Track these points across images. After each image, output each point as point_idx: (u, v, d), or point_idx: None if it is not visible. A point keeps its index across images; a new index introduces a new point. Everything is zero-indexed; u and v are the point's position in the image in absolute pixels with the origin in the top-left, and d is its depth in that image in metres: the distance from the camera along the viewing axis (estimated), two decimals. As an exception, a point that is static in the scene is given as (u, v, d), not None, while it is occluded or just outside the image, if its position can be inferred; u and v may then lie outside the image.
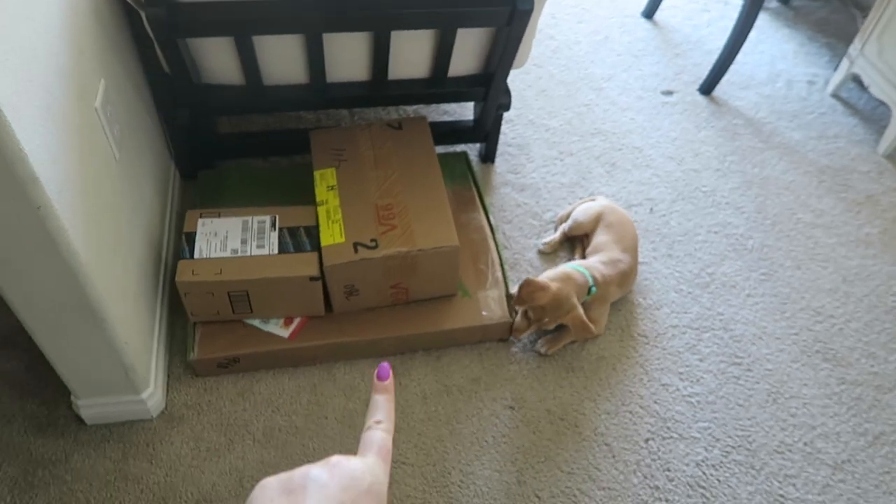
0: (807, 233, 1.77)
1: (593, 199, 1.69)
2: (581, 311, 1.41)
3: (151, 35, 1.31)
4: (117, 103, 1.27)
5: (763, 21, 2.40)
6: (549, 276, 1.43)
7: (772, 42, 2.33)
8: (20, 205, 0.89)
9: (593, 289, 1.44)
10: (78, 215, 1.01)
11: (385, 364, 0.48)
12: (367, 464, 0.42)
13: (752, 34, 1.99)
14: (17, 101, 0.84)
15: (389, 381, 0.48)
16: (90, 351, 1.16)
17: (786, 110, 2.10)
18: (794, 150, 1.99)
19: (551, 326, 1.43)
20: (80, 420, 1.31)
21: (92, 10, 1.18)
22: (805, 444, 1.40)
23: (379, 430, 0.45)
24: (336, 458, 0.41)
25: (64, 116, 1.00)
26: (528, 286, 1.38)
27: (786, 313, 1.60)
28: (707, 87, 2.11)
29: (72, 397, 1.28)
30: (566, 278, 1.42)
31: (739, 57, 2.05)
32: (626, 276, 1.51)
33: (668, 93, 2.12)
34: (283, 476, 0.40)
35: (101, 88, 1.18)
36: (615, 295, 1.51)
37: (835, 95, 2.16)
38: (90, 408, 1.28)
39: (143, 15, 1.27)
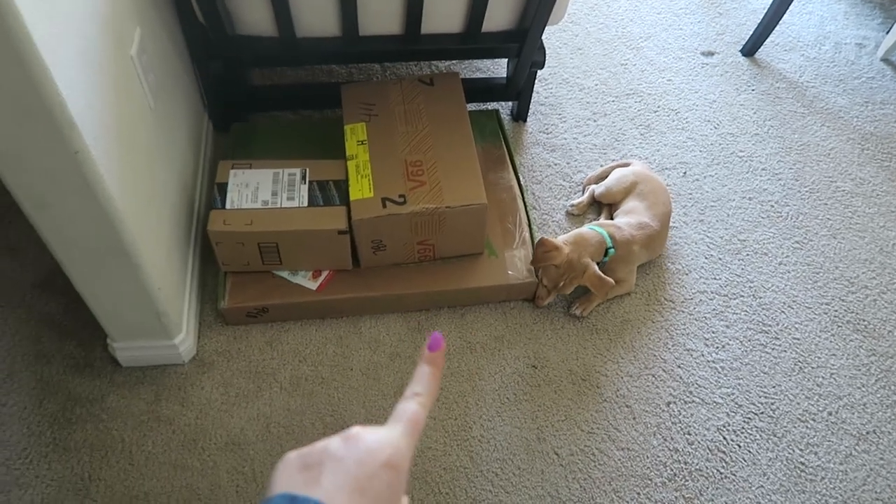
0: (845, 201, 1.73)
1: (628, 164, 1.66)
2: (595, 268, 1.40)
3: (186, -16, 1.31)
4: (153, 52, 1.27)
5: (813, -20, 2.31)
6: (563, 238, 1.42)
7: (821, 2, 2.24)
8: (59, 149, 0.91)
9: (611, 250, 1.43)
10: (114, 161, 1.03)
11: (437, 334, 0.46)
12: (390, 436, 0.41)
13: (801, -7, 1.92)
14: (56, 46, 0.85)
15: (439, 353, 0.46)
16: (125, 295, 1.19)
17: (832, 74, 2.03)
18: (837, 115, 1.92)
19: (569, 291, 1.42)
20: (115, 362, 1.36)
21: (127, -44, 1.19)
22: (829, 413, 1.39)
23: (414, 403, 0.44)
24: (355, 430, 0.41)
25: (101, 63, 1.01)
26: (543, 246, 1.38)
27: (818, 282, 1.58)
28: (750, 49, 2.04)
29: (108, 340, 1.33)
30: (579, 240, 1.41)
31: (786, 17, 1.98)
32: (652, 240, 1.49)
33: (709, 54, 2.05)
34: (303, 451, 0.40)
35: (137, 36, 1.18)
36: (641, 257, 1.50)
37: (885, 60, 2.07)
38: (125, 350, 1.33)
39: (177, -37, 1.27)
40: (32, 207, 1.00)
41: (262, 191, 1.37)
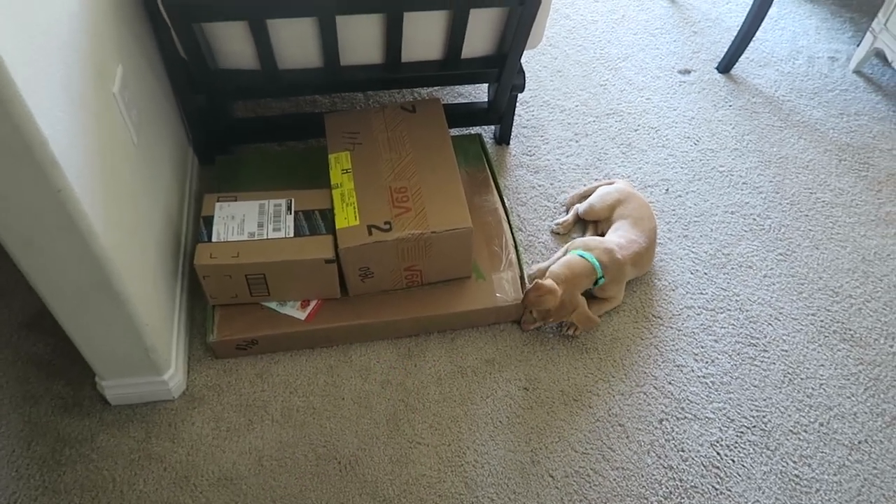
0: (825, 212, 1.75)
1: (611, 183, 1.67)
2: (585, 306, 1.42)
3: (167, 20, 1.32)
4: (135, 88, 1.28)
5: (784, -3, 2.36)
6: (556, 271, 1.42)
7: (793, 18, 2.29)
8: (41, 188, 0.91)
9: (601, 280, 1.44)
10: (98, 198, 1.03)
11: None
12: None
13: (773, 10, 1.96)
14: (37, 86, 0.86)
15: None
16: (112, 332, 1.19)
17: (806, 88, 2.07)
18: (814, 128, 1.96)
19: (556, 322, 1.43)
20: (104, 400, 1.34)
21: (108, -4, 1.20)
22: (821, 424, 1.39)
23: None
24: None
25: (83, 101, 1.02)
26: (537, 290, 1.38)
27: (803, 294, 1.59)
28: (725, 66, 2.08)
29: (96, 378, 1.31)
30: (571, 278, 1.41)
31: (759, 34, 2.02)
32: (640, 257, 1.51)
33: (686, 72, 2.09)
34: None
35: (119, 74, 1.19)
36: (630, 274, 1.51)
37: (857, 72, 2.12)
38: (114, 388, 1.32)
39: (158, 0, 1.28)
40: (16, 246, 1.00)
41: (248, 222, 1.38)
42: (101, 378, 1.30)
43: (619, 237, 1.52)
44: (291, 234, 1.36)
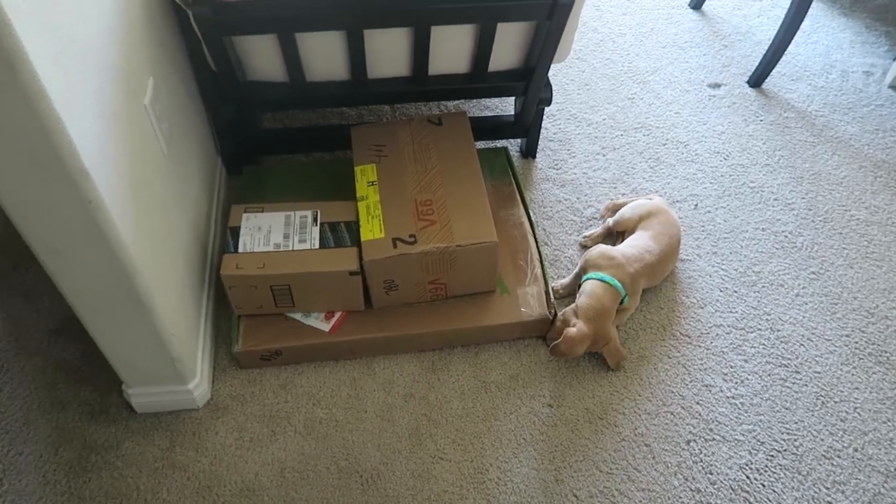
0: (860, 230, 1.71)
1: (650, 199, 1.64)
2: (617, 340, 1.40)
3: (198, 33, 1.34)
4: (166, 100, 1.30)
5: (817, 9, 2.32)
6: (585, 308, 1.37)
7: (826, 31, 2.25)
8: (72, 198, 0.93)
9: (626, 299, 1.41)
10: (127, 209, 1.04)
11: None
12: None
13: (806, 23, 1.93)
14: (70, 97, 0.87)
15: None
16: (139, 341, 1.20)
17: (840, 103, 2.03)
18: (848, 144, 1.92)
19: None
20: (130, 408, 1.35)
21: (142, 9, 1.22)
22: (855, 449, 1.35)
23: None
24: None
25: (114, 113, 1.03)
26: (568, 343, 1.34)
27: (836, 314, 1.55)
28: (757, 80, 2.05)
29: (123, 386, 1.33)
30: (601, 313, 1.36)
31: (791, 48, 1.98)
32: (653, 268, 1.47)
33: (716, 85, 2.06)
34: None
35: (151, 85, 1.21)
36: (644, 284, 1.48)
37: (893, 87, 2.07)
38: (140, 396, 1.33)
39: (190, 14, 1.30)
40: (46, 255, 1.01)
41: (275, 234, 1.38)
42: (128, 386, 1.32)
43: (629, 247, 1.48)
44: (317, 246, 1.37)
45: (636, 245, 1.49)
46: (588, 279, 1.42)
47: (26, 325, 1.48)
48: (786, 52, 1.98)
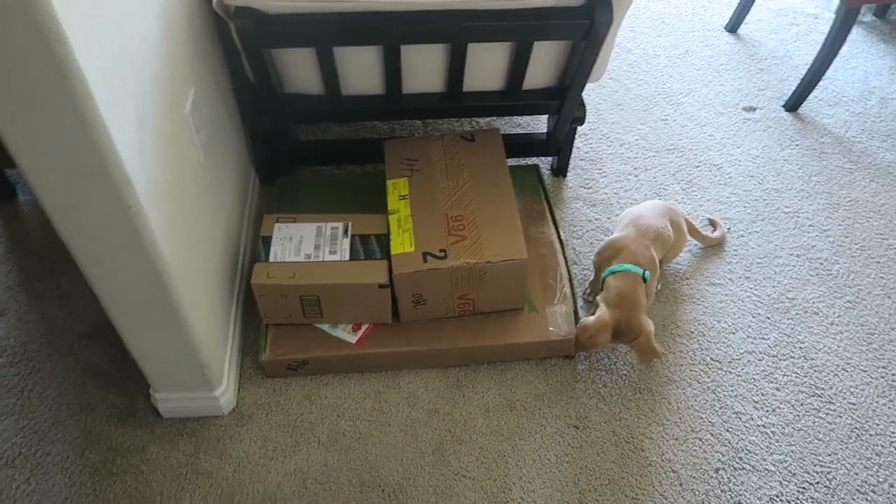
0: (899, 260, 1.67)
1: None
2: (649, 333, 1.33)
3: (239, 45, 1.37)
4: (205, 110, 1.32)
5: (857, 35, 2.29)
6: (606, 298, 1.36)
7: (865, 57, 2.22)
8: (113, 204, 0.94)
9: (647, 274, 1.37)
10: (164, 216, 1.05)
11: None
12: None
13: (844, 49, 1.90)
14: (115, 106, 0.89)
15: None
16: (169, 347, 1.21)
17: (878, 129, 1.99)
18: (886, 171, 1.88)
19: (623, 344, 1.39)
20: (157, 413, 1.37)
21: (186, 21, 1.24)
22: (891, 485, 1.31)
23: None
24: None
25: (156, 122, 1.05)
26: (584, 332, 1.33)
27: (873, 344, 1.51)
28: (793, 104, 2.03)
29: (150, 390, 1.34)
30: (626, 298, 1.33)
31: (829, 73, 1.96)
32: (661, 236, 1.45)
33: (751, 109, 2.04)
34: None
35: (191, 96, 1.23)
36: (661, 254, 1.46)
37: (934, 115, 2.03)
38: (167, 402, 1.34)
39: (231, 26, 1.32)
40: (85, 260, 1.03)
41: (306, 244, 1.39)
42: (156, 391, 1.33)
43: (630, 228, 1.47)
44: (347, 258, 1.37)
45: (637, 225, 1.46)
46: (604, 277, 1.40)
47: (59, 328, 1.51)
48: (823, 78, 1.96)
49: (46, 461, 1.31)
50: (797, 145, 1.94)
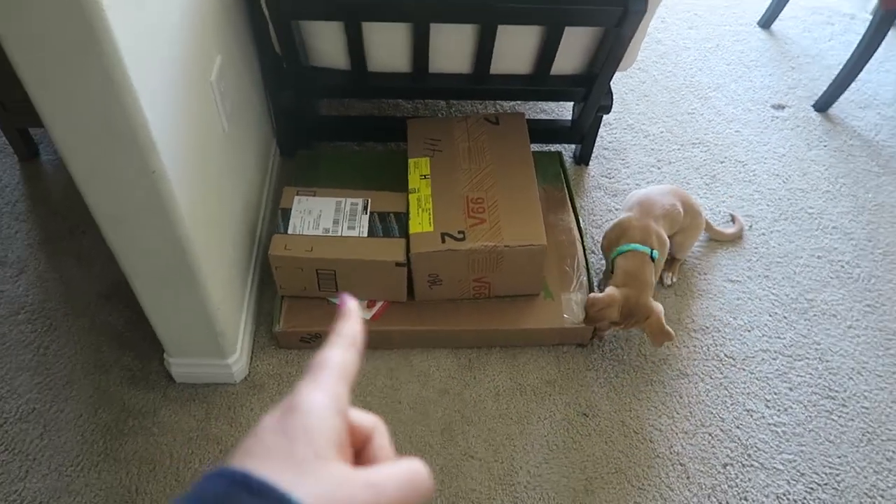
0: (922, 267, 1.65)
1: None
2: (659, 314, 1.33)
3: (267, 16, 1.36)
4: (230, 79, 1.32)
5: (893, 36, 2.24)
6: (614, 280, 1.36)
7: (900, 60, 2.18)
8: (137, 168, 0.94)
9: (654, 253, 1.37)
10: (186, 182, 1.06)
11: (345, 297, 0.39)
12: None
13: (879, 51, 1.86)
14: (143, 70, 0.89)
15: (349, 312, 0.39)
16: (185, 313, 1.22)
17: (909, 134, 1.96)
18: (915, 177, 1.85)
19: (629, 330, 1.39)
20: (169, 377, 1.38)
21: (216, -12, 1.24)
22: (900, 491, 1.30)
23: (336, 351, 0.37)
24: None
25: (182, 88, 1.05)
26: (593, 306, 1.33)
27: (890, 350, 1.50)
28: (823, 104, 2.00)
29: (164, 355, 1.35)
30: (634, 278, 1.33)
31: (862, 74, 1.92)
32: (670, 214, 1.44)
33: (780, 107, 2.01)
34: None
35: (218, 64, 1.23)
36: (669, 230, 1.45)
37: (967, 122, 1.99)
38: (180, 366, 1.35)
39: (262, -4, 1.32)
40: (107, 222, 1.04)
41: (324, 218, 1.39)
42: (169, 355, 1.34)
43: (635, 210, 1.46)
44: (365, 234, 1.37)
45: (642, 204, 1.46)
46: (614, 258, 1.40)
47: (77, 288, 1.52)
48: (856, 79, 1.92)
49: (60, 418, 1.33)
50: (825, 146, 1.91)
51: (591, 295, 1.35)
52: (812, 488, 1.30)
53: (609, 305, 1.32)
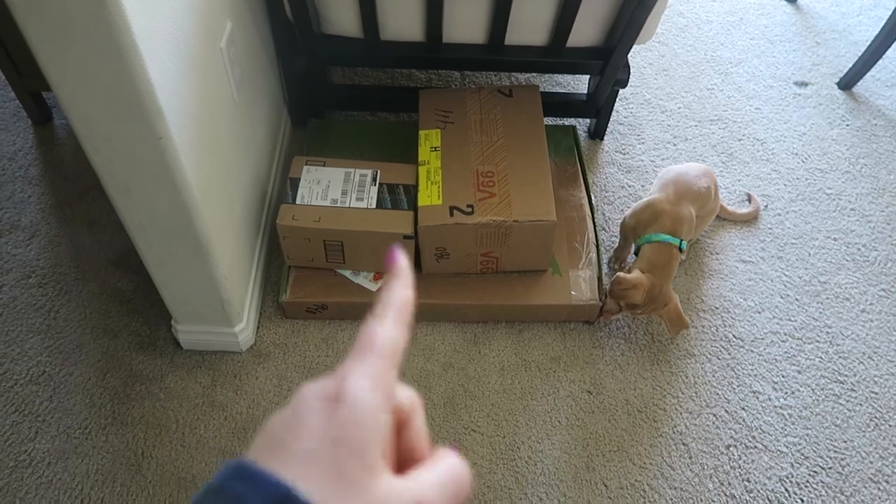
0: (941, 252, 1.62)
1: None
2: (678, 304, 1.34)
3: (278, -19, 1.34)
4: (240, 46, 1.30)
5: (923, 14, 2.17)
6: (639, 266, 1.36)
7: (930, 38, 2.11)
8: (144, 135, 0.94)
9: (683, 244, 1.36)
10: (194, 150, 1.05)
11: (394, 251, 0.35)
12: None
13: (909, 27, 1.80)
14: (150, 36, 0.88)
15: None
16: (192, 280, 1.22)
17: (935, 115, 1.91)
18: (938, 159, 1.80)
19: (643, 316, 1.38)
20: (177, 343, 1.39)
21: (226, -49, 1.22)
22: (905, 477, 1.29)
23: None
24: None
25: (191, 54, 1.04)
26: (619, 284, 1.32)
27: (903, 336, 1.48)
28: (848, 82, 1.94)
29: (172, 321, 1.36)
30: (660, 267, 1.33)
31: (889, 52, 1.86)
32: (697, 194, 1.42)
33: (802, 84, 1.96)
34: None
35: (227, 30, 1.21)
36: (698, 210, 1.44)
37: None
38: (187, 334, 1.36)
39: (272, -40, 1.29)
40: (114, 189, 1.03)
41: (333, 189, 1.38)
42: (177, 322, 1.35)
43: (662, 191, 1.45)
44: (374, 206, 1.36)
45: (677, 184, 1.43)
46: (640, 245, 1.39)
47: (87, 253, 1.53)
48: (883, 56, 1.86)
49: (69, 381, 1.35)
50: (847, 125, 1.87)
51: (620, 274, 1.34)
52: (815, 471, 1.29)
53: (635, 287, 1.31)
